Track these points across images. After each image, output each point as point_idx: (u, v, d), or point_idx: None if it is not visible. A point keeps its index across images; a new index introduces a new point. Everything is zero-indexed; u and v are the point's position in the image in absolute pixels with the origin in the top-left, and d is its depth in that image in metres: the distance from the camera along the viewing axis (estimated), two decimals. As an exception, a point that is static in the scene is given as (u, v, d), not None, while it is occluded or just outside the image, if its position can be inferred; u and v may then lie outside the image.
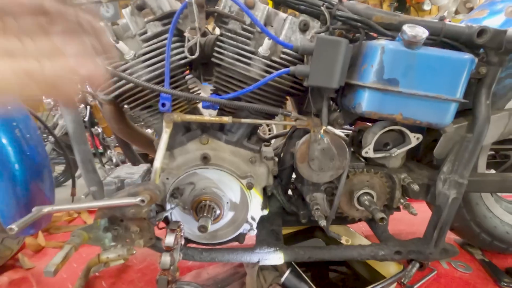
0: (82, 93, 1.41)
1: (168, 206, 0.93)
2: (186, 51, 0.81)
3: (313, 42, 0.77)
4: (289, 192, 1.17)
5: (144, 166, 1.01)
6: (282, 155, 1.08)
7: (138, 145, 1.11)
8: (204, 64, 1.03)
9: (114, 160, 1.79)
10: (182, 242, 0.90)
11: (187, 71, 0.98)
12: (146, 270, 1.23)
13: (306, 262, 1.02)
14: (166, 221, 1.00)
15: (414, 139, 0.95)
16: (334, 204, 0.94)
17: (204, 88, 1.11)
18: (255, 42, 0.86)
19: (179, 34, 0.86)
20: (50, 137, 2.19)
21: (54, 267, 0.71)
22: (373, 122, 1.01)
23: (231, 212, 0.99)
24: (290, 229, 1.34)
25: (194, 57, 0.82)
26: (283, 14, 0.86)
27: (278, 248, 0.99)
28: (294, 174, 1.12)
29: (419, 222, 1.57)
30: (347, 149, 0.91)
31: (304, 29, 0.85)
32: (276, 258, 0.99)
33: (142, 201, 0.76)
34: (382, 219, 0.87)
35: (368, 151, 0.96)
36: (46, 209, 0.74)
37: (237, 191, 0.96)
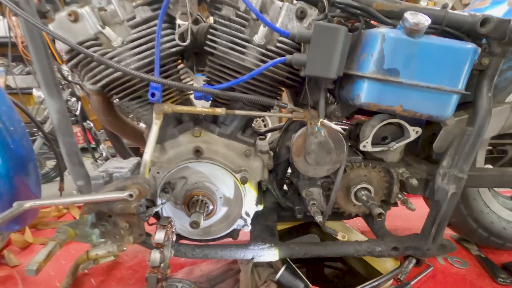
0: (69, 83, 1.36)
1: (158, 201, 0.89)
2: (177, 38, 0.77)
3: (310, 30, 0.73)
4: (284, 187, 1.14)
5: (134, 160, 0.97)
6: (277, 149, 1.05)
7: (128, 138, 1.07)
8: (196, 54, 1.00)
9: (104, 154, 1.75)
10: (174, 238, 0.87)
11: (180, 62, 0.94)
12: (137, 267, 1.20)
13: (302, 258, 0.99)
14: (157, 216, 0.97)
15: (413, 133, 0.93)
16: (330, 199, 0.92)
17: (197, 79, 1.07)
18: (250, 30, 0.82)
19: (170, 20, 0.82)
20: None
21: (37, 266, 0.68)
22: (370, 116, 0.98)
23: (225, 207, 0.96)
24: (285, 225, 1.32)
25: (185, 44, 0.77)
26: (279, 1, 0.82)
27: (273, 244, 0.97)
28: (289, 169, 1.09)
29: (416, 218, 1.55)
30: (345, 142, 0.88)
31: (301, 16, 0.81)
32: (271, 254, 0.96)
33: (130, 195, 0.72)
34: (380, 215, 0.84)
35: (366, 145, 0.94)
36: (28, 204, 0.71)
37: (230, 186, 0.93)
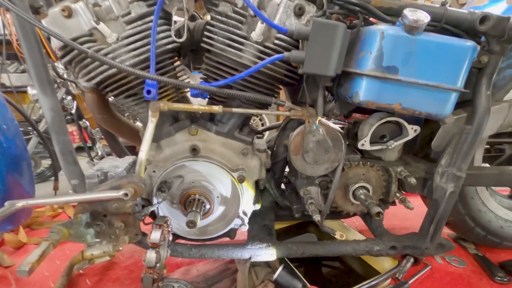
0: (64, 81, 1.34)
1: (154, 200, 0.88)
2: (173, 34, 0.76)
3: (308, 26, 0.72)
4: (282, 186, 1.13)
5: (129, 159, 0.95)
6: (275, 148, 1.04)
7: (123, 136, 1.05)
8: (193, 51, 0.98)
9: (100, 152, 1.72)
10: (170, 238, 0.85)
11: (176, 59, 0.92)
12: (133, 267, 1.18)
13: (299, 258, 0.99)
14: (153, 216, 0.95)
15: (412, 131, 0.92)
16: (328, 198, 0.91)
17: (193, 77, 1.05)
18: (248, 26, 0.81)
19: (166, 16, 0.81)
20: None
21: (29, 266, 0.66)
22: (368, 114, 0.98)
23: (222, 206, 0.95)
24: (283, 224, 1.32)
25: (181, 40, 0.76)
26: None
27: (270, 243, 0.96)
28: (287, 168, 1.08)
29: (413, 217, 1.56)
30: (343, 141, 0.87)
31: (299, 13, 0.80)
32: (268, 254, 0.95)
33: (126, 194, 0.71)
34: (379, 214, 0.84)
35: (364, 143, 0.93)
36: (20, 203, 0.69)
37: (228, 185, 0.92)
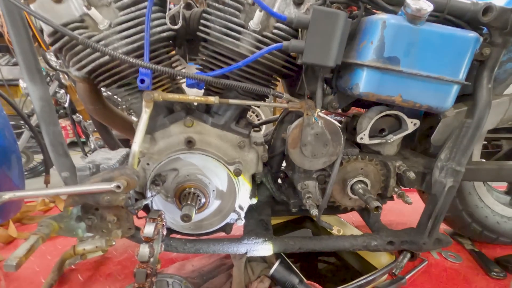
0: (55, 71, 1.30)
1: (148, 194, 0.85)
2: (168, 21, 0.73)
3: (308, 15, 0.70)
4: (279, 180, 1.11)
5: (122, 151, 0.93)
6: (272, 141, 1.02)
7: (117, 128, 1.02)
8: (189, 41, 0.95)
9: (92, 145, 1.68)
10: (164, 232, 0.83)
11: (171, 49, 0.90)
12: (127, 262, 1.16)
13: (296, 253, 0.97)
14: (146, 210, 0.93)
15: (411, 125, 0.91)
16: (326, 192, 0.89)
17: (189, 68, 1.02)
18: (245, 15, 0.79)
19: (161, 3, 0.78)
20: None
21: (16, 261, 0.64)
22: (367, 109, 0.96)
23: (218, 200, 0.93)
24: (280, 219, 1.30)
25: (176, 27, 0.73)
26: None
27: (267, 238, 0.94)
28: (284, 162, 1.06)
29: (410, 213, 1.56)
30: (342, 134, 0.86)
31: (298, 2, 0.78)
32: (264, 249, 0.94)
33: (118, 187, 0.69)
34: (377, 208, 0.82)
35: (363, 137, 0.91)
36: (7, 195, 0.66)
37: (224, 178, 0.90)
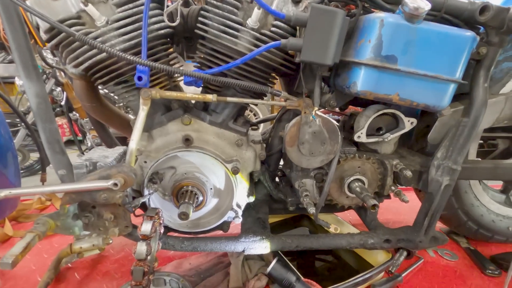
0: (52, 68, 1.29)
1: (146, 192, 0.85)
2: (166, 18, 0.73)
3: (307, 13, 0.70)
4: (276, 179, 1.11)
5: (120, 149, 0.92)
6: (270, 139, 1.02)
7: (114, 126, 1.02)
8: (187, 39, 0.95)
9: (89, 143, 1.68)
10: (162, 230, 0.83)
11: (169, 46, 0.89)
12: (124, 260, 1.16)
13: (293, 251, 0.97)
14: (144, 208, 0.93)
15: (408, 124, 0.91)
16: (324, 190, 0.90)
17: (187, 66, 1.02)
18: (244, 12, 0.78)
19: (159, 0, 0.78)
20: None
21: (12, 259, 0.63)
22: (364, 107, 0.96)
23: (215, 198, 0.93)
24: (277, 217, 1.30)
25: (174, 24, 0.73)
26: None
27: (264, 236, 0.95)
28: (282, 160, 1.06)
29: (406, 211, 1.57)
30: (339, 132, 0.86)
31: (297, 0, 0.78)
32: (262, 247, 0.94)
33: (115, 184, 0.69)
34: (374, 206, 0.83)
35: (360, 136, 0.91)
36: (3, 193, 0.66)
37: (221, 176, 0.90)
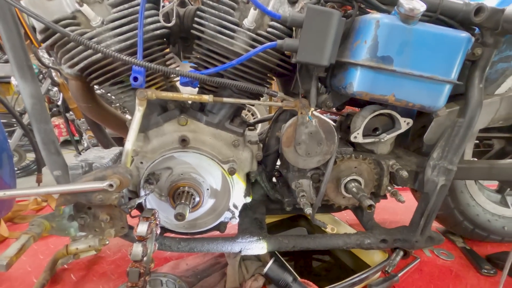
0: (47, 68, 1.28)
1: (142, 193, 0.85)
2: (161, 18, 0.72)
3: (303, 14, 0.70)
4: (273, 179, 1.11)
5: (116, 150, 0.92)
6: (267, 140, 1.02)
7: (110, 126, 1.02)
8: (183, 39, 0.95)
9: (86, 144, 1.67)
10: (158, 231, 0.83)
11: (165, 47, 0.89)
12: (121, 261, 1.15)
13: (289, 251, 0.98)
14: (140, 209, 0.93)
15: (404, 124, 0.92)
16: (320, 191, 0.90)
17: (183, 66, 1.02)
18: (240, 13, 0.78)
19: (154, 0, 0.77)
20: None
21: (7, 260, 0.63)
22: (361, 108, 0.97)
23: (212, 199, 0.93)
24: (274, 217, 1.30)
25: (170, 25, 0.73)
26: None
27: (261, 237, 0.95)
28: (279, 161, 1.06)
29: (403, 211, 1.57)
30: (336, 133, 0.86)
31: (293, 0, 0.78)
32: (259, 247, 0.94)
33: (111, 185, 0.68)
34: (371, 207, 0.83)
35: (357, 136, 0.92)
36: (-3, 194, 0.65)
37: (218, 177, 0.90)
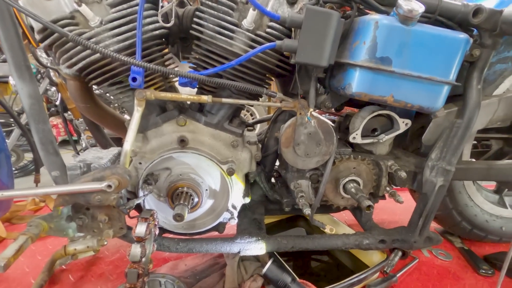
0: (46, 68, 1.28)
1: (140, 193, 0.85)
2: (160, 18, 0.72)
3: (302, 14, 0.70)
4: (272, 180, 1.11)
5: (114, 150, 0.91)
6: (265, 140, 1.02)
7: (108, 126, 1.01)
8: (182, 39, 0.95)
9: (84, 144, 1.66)
10: (157, 232, 0.83)
11: (164, 47, 0.89)
12: (119, 262, 1.15)
13: (288, 252, 0.98)
14: (138, 209, 0.92)
15: (403, 125, 0.92)
16: (319, 191, 0.90)
17: (182, 66, 1.02)
18: (239, 13, 0.78)
19: (153, 0, 0.77)
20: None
21: (5, 261, 0.62)
22: (359, 108, 0.97)
23: (211, 200, 0.92)
24: (273, 218, 1.30)
25: (169, 25, 0.73)
26: None
27: (260, 237, 0.95)
28: (278, 161, 1.06)
29: (401, 212, 1.58)
30: (335, 134, 0.86)
31: (292, 1, 0.78)
32: (258, 248, 0.94)
33: (109, 186, 0.68)
34: (369, 207, 0.83)
35: (356, 137, 0.92)
36: (-6, 195, 0.65)
37: (217, 178, 0.89)
